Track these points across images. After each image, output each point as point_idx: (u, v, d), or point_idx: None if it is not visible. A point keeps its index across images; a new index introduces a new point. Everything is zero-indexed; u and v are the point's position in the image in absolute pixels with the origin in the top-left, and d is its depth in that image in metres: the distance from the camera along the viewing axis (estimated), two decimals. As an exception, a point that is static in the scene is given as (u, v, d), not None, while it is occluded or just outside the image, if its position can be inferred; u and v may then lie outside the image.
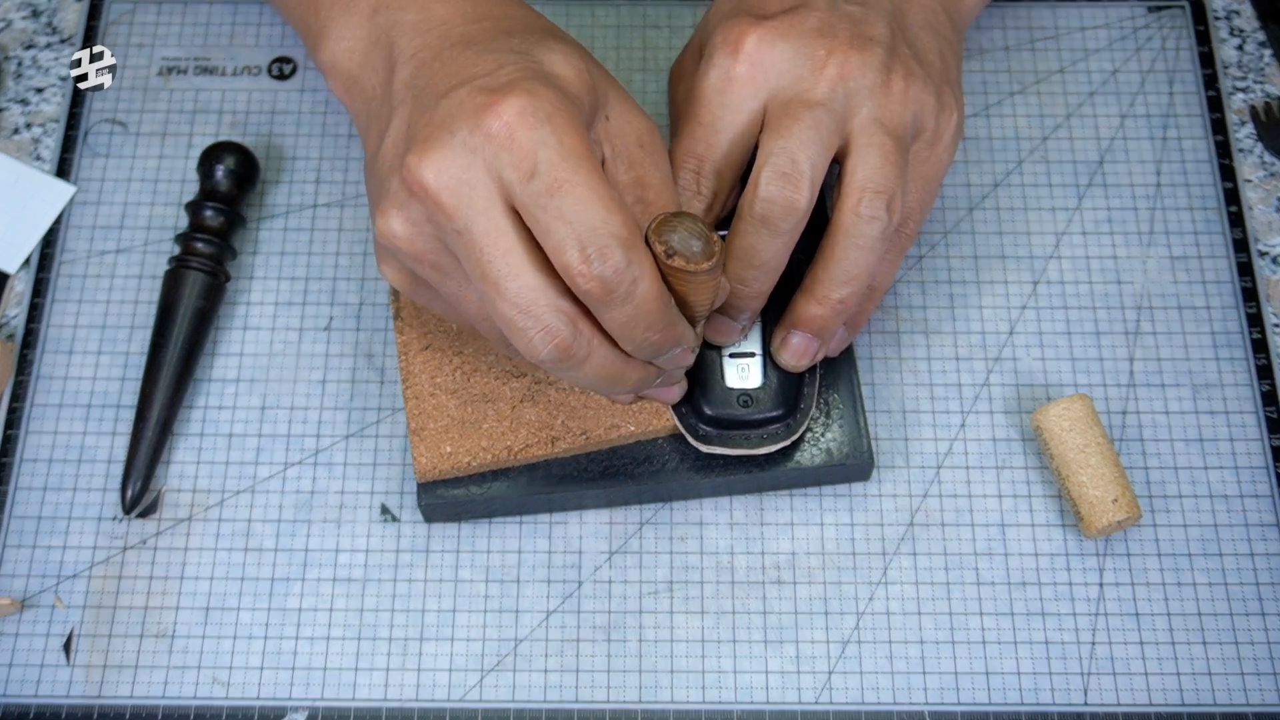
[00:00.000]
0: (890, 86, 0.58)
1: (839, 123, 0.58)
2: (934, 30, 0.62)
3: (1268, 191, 0.72)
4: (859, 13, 0.60)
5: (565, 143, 0.50)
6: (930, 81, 0.60)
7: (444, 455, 0.61)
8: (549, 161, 0.50)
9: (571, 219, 0.49)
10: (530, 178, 0.50)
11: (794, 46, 0.58)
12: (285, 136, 0.73)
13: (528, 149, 0.50)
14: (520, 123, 0.50)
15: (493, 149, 0.50)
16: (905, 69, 0.59)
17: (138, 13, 0.77)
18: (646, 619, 0.63)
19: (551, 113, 0.51)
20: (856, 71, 0.58)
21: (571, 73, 0.54)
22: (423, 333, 0.64)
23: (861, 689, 0.61)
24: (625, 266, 0.50)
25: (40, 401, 0.67)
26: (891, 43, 0.59)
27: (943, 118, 0.60)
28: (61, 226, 0.71)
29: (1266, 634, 0.62)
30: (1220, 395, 0.67)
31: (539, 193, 0.50)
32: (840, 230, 0.58)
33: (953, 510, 0.65)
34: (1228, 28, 0.77)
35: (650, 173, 0.57)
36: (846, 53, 0.58)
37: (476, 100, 0.51)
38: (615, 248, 0.49)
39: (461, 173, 0.51)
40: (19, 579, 0.64)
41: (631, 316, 0.51)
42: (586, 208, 0.49)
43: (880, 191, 0.57)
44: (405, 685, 0.62)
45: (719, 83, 0.59)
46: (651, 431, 0.62)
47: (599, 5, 0.77)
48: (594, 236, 0.49)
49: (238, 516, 0.65)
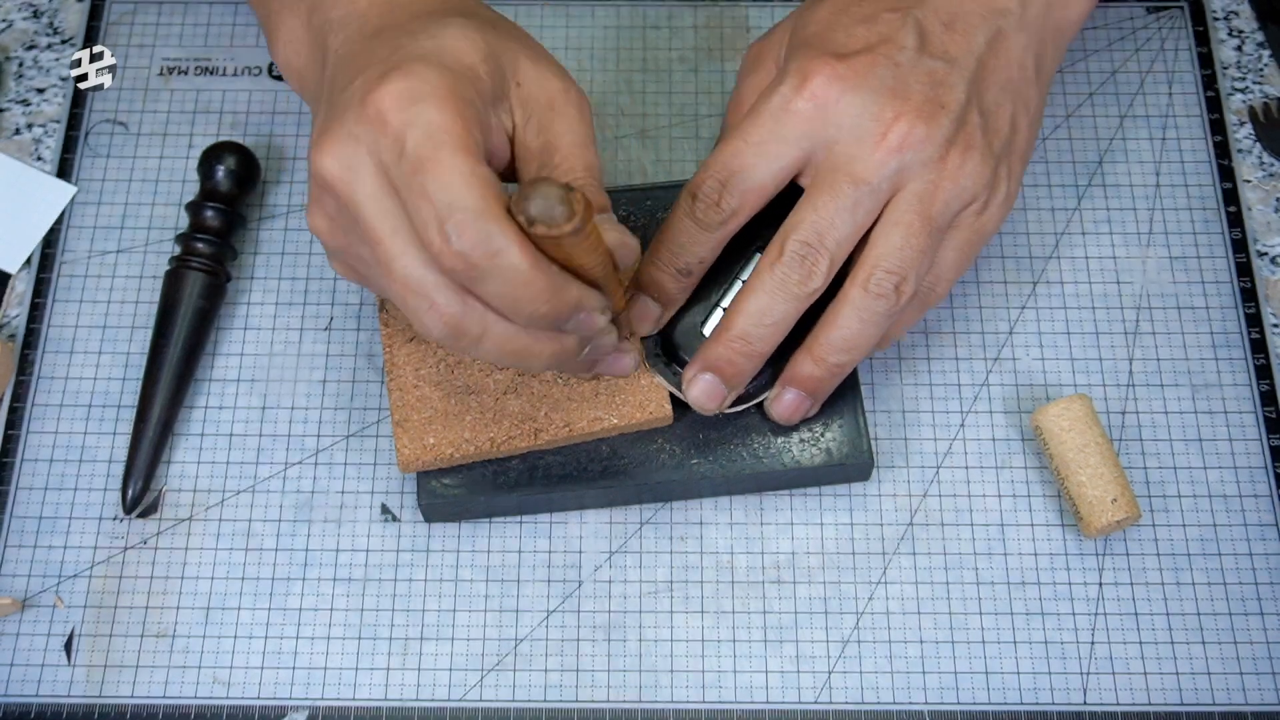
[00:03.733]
0: (946, 162, 0.58)
1: (880, 200, 0.58)
2: (1014, 92, 0.61)
3: (1266, 192, 0.72)
4: (940, 71, 0.59)
5: (433, 121, 0.50)
6: (990, 155, 0.59)
7: (427, 447, 0.61)
8: (415, 141, 0.50)
9: (432, 196, 0.49)
10: (399, 158, 0.50)
11: (862, 101, 0.58)
12: (285, 137, 0.73)
13: (397, 130, 0.50)
14: (392, 105, 0.51)
15: (372, 134, 0.51)
16: (967, 143, 0.59)
17: (138, 13, 0.77)
18: (646, 619, 0.63)
19: (427, 93, 0.51)
20: (917, 144, 0.57)
21: (465, 46, 0.54)
22: (407, 325, 0.64)
23: (861, 689, 0.62)
24: (483, 240, 0.49)
25: (41, 401, 0.67)
26: (963, 111, 0.59)
27: (994, 191, 0.60)
28: (62, 227, 0.71)
29: (1265, 634, 0.62)
30: (1219, 395, 0.67)
31: (405, 172, 0.50)
32: (846, 300, 0.58)
33: (952, 510, 0.65)
34: (1227, 28, 0.77)
35: (560, 135, 0.56)
36: (913, 122, 0.58)
37: (362, 89, 0.52)
38: (470, 221, 0.49)
39: (349, 159, 0.51)
40: (20, 579, 0.64)
41: (506, 289, 0.50)
42: (444, 184, 0.49)
43: (892, 272, 0.58)
44: (405, 685, 0.62)
45: (777, 110, 0.59)
46: (635, 424, 0.62)
47: (599, 5, 0.77)
48: (450, 212, 0.49)
49: (238, 516, 0.65)
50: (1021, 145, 0.62)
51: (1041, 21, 0.62)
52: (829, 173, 0.58)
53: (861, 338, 0.59)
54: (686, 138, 0.73)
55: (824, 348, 0.59)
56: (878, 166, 0.58)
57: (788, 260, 0.58)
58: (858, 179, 0.58)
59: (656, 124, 0.74)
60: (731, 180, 0.59)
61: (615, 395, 0.62)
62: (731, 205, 0.59)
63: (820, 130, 0.58)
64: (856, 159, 0.58)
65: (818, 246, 0.58)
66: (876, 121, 0.58)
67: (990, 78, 0.60)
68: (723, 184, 0.59)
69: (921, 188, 0.58)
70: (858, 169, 0.58)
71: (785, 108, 0.58)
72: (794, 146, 0.58)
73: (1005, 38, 0.61)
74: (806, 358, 0.60)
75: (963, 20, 0.60)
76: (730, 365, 0.59)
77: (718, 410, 0.61)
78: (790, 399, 0.61)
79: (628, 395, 0.62)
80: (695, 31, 0.76)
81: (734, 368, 0.59)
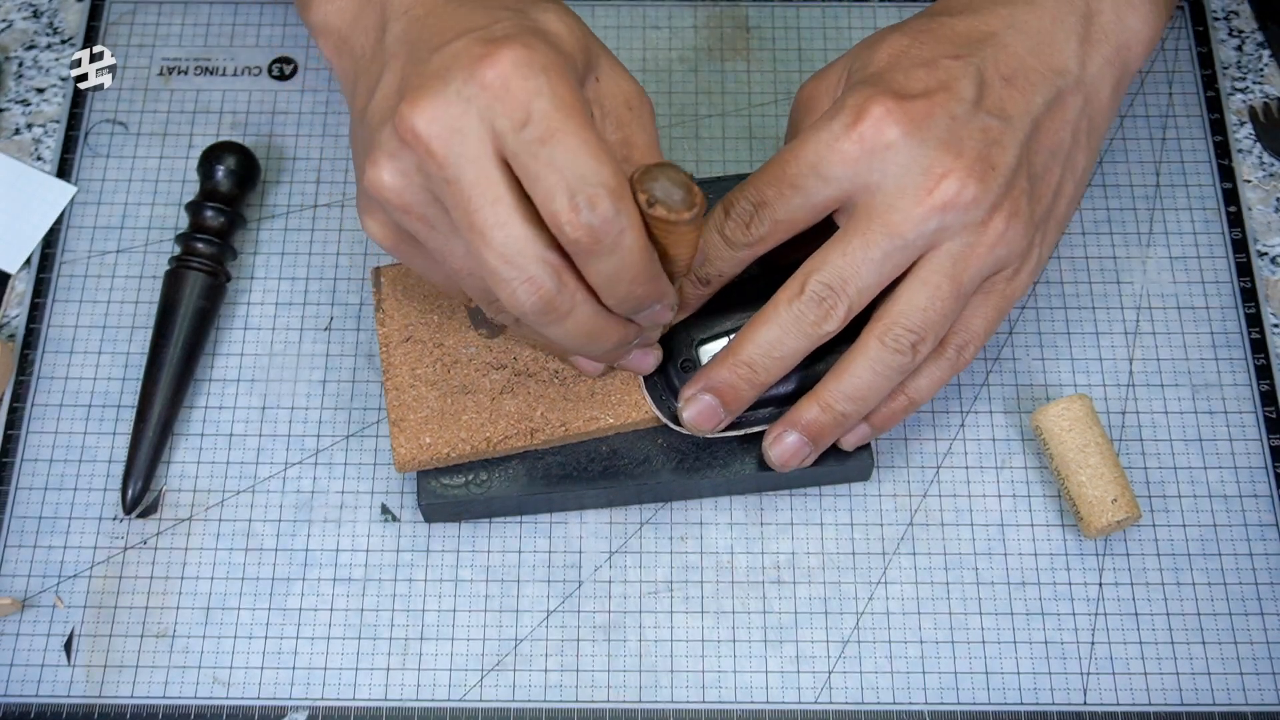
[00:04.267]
0: (988, 227, 0.57)
1: (912, 256, 0.57)
2: (1065, 157, 0.60)
3: (1267, 192, 0.72)
4: (996, 128, 0.57)
5: (559, 94, 0.50)
6: (1031, 223, 0.58)
7: (423, 446, 0.61)
8: (542, 111, 0.50)
9: (562, 167, 0.49)
10: (523, 126, 0.50)
11: (913, 151, 0.56)
12: (285, 136, 0.73)
13: (522, 99, 0.50)
14: (516, 73, 0.50)
15: (487, 98, 0.50)
16: (1012, 209, 0.57)
17: (138, 13, 0.77)
18: (646, 619, 0.63)
19: (547, 65, 0.50)
20: (964, 206, 0.56)
21: (565, 31, 0.54)
22: (404, 324, 0.64)
23: (861, 689, 0.62)
24: (613, 216, 0.49)
25: (41, 401, 0.67)
26: (1013, 175, 0.57)
27: (1028, 258, 0.59)
28: (62, 227, 0.71)
29: (1265, 634, 0.62)
30: (1219, 395, 0.67)
31: (531, 141, 0.49)
32: (862, 350, 0.58)
33: (952, 510, 0.65)
34: (1227, 28, 0.77)
35: (636, 134, 0.56)
36: (964, 180, 0.56)
37: (473, 51, 0.51)
38: (604, 196, 0.49)
39: (454, 121, 0.50)
40: (19, 579, 0.64)
41: (617, 268, 0.51)
42: (577, 157, 0.49)
43: (911, 330, 0.57)
44: (405, 685, 0.62)
45: (823, 147, 0.57)
46: (630, 424, 0.62)
47: (599, 5, 0.77)
48: (583, 185, 0.49)
49: (238, 516, 0.65)
50: (1061, 213, 0.61)
51: (1098, 80, 0.61)
52: (865, 218, 0.57)
53: (871, 390, 0.58)
54: (686, 138, 0.73)
55: (832, 395, 0.59)
56: (918, 223, 0.56)
57: (807, 299, 0.57)
58: (894, 232, 0.56)
59: (657, 124, 0.74)
60: (765, 207, 0.58)
61: (611, 395, 0.62)
62: (760, 232, 0.58)
63: (865, 174, 0.57)
64: (897, 210, 0.56)
65: (839, 291, 0.57)
66: (925, 175, 0.56)
67: (1043, 141, 0.59)
68: (756, 208, 0.58)
69: (958, 250, 0.57)
70: (896, 221, 0.56)
71: (833, 145, 0.57)
72: (834, 186, 0.57)
73: (1064, 100, 0.59)
74: (813, 403, 0.59)
75: (1023, 77, 0.59)
76: (731, 390, 0.59)
77: (709, 434, 0.61)
78: (790, 443, 0.60)
79: (623, 396, 0.62)
80: (695, 31, 0.76)
81: (735, 393, 0.59)
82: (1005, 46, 0.59)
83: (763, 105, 0.74)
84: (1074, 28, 0.60)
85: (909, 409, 0.61)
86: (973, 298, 0.60)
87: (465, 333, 0.63)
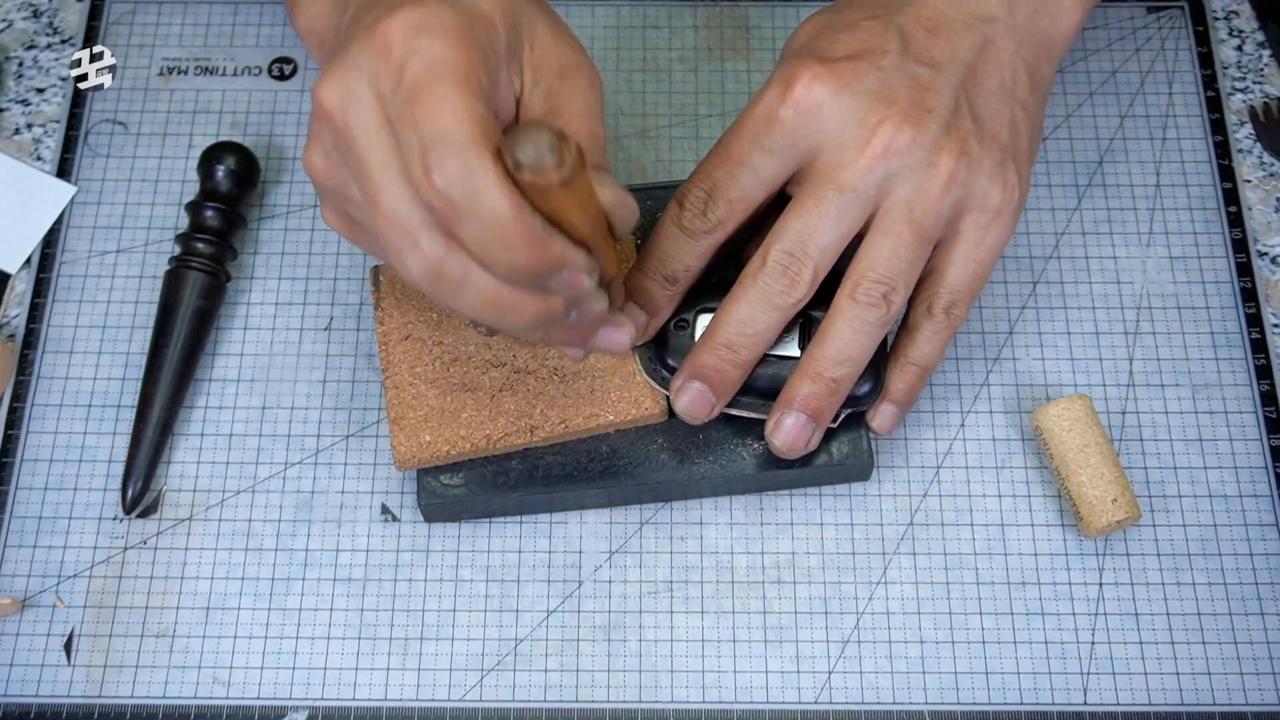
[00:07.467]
0: (936, 167, 0.57)
1: (866, 208, 0.57)
2: (1008, 95, 0.60)
3: (1267, 192, 0.72)
4: (925, 76, 0.58)
5: (436, 52, 0.49)
6: (986, 160, 0.58)
7: (423, 444, 0.61)
8: (412, 69, 0.49)
9: (421, 126, 0.48)
10: (397, 87, 0.49)
11: (846, 106, 0.57)
12: (285, 136, 0.73)
13: (400, 58, 0.49)
14: (398, 34, 0.49)
15: (374, 63, 0.49)
16: (959, 147, 0.58)
17: (138, 13, 0.77)
18: (646, 619, 0.63)
19: (435, 26, 0.49)
20: (903, 149, 0.57)
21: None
22: (403, 323, 0.64)
23: (861, 689, 0.62)
24: (464, 177, 0.47)
25: (41, 401, 0.67)
26: (951, 116, 0.58)
27: (1000, 198, 0.59)
28: (62, 226, 0.71)
29: (1265, 634, 0.62)
30: (1219, 395, 0.67)
31: (400, 102, 0.49)
32: (837, 312, 0.58)
33: (952, 510, 0.65)
34: (1227, 28, 0.77)
35: (567, 103, 0.55)
36: (899, 125, 0.57)
37: (371, 20, 0.50)
38: (451, 155, 0.47)
39: (349, 87, 0.50)
40: (19, 579, 0.64)
41: (483, 233, 0.48)
42: (434, 115, 0.48)
43: (880, 281, 0.57)
44: (405, 685, 0.62)
45: (761, 120, 0.58)
46: (630, 420, 0.62)
47: (599, 5, 0.77)
48: (434, 144, 0.48)
49: (238, 516, 0.65)
50: (1025, 150, 0.61)
51: (1029, 30, 0.61)
52: (813, 180, 0.58)
53: (855, 348, 0.58)
54: (686, 138, 0.73)
55: (819, 363, 0.59)
56: (863, 172, 0.57)
57: (770, 270, 0.57)
58: (842, 186, 0.57)
59: (656, 124, 0.74)
60: (717, 190, 0.59)
61: (611, 392, 0.62)
62: (717, 215, 0.59)
63: (804, 138, 0.58)
64: (841, 166, 0.57)
65: (800, 256, 0.57)
66: (860, 127, 0.57)
67: (981, 83, 0.60)
68: (708, 193, 0.59)
69: (910, 194, 0.57)
70: (842, 176, 0.57)
71: (769, 116, 0.58)
72: (779, 156, 0.58)
73: (993, 44, 0.60)
74: (803, 377, 0.59)
75: (946, 27, 0.60)
76: (716, 374, 0.59)
77: (706, 419, 0.61)
78: (791, 424, 0.59)
79: (624, 392, 0.62)
80: (695, 31, 0.76)
81: (720, 375, 0.59)
82: (924, 3, 0.60)
83: (763, 105, 0.74)
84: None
85: (922, 376, 0.61)
86: (950, 253, 0.60)
87: (464, 330, 0.64)
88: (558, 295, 0.52)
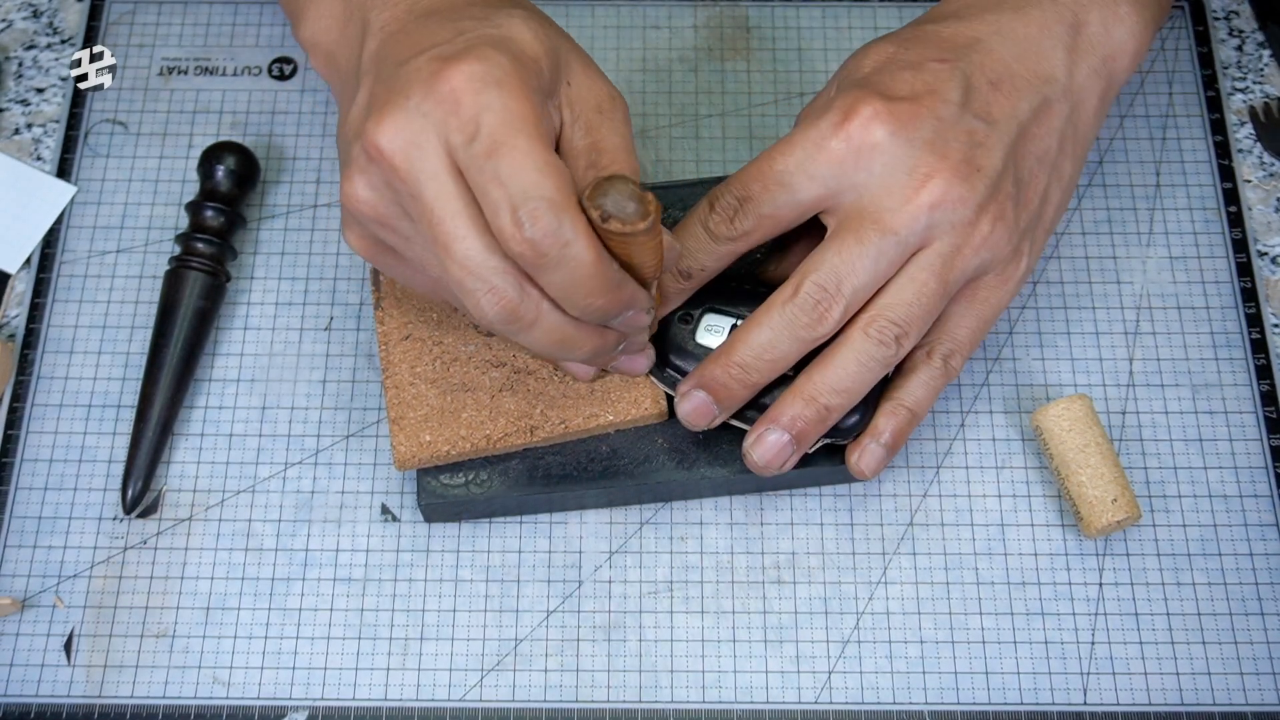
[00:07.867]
0: (976, 227, 0.58)
1: (905, 254, 0.57)
2: (1050, 164, 0.60)
3: (1267, 192, 0.72)
4: (981, 132, 0.58)
5: (509, 107, 0.51)
6: (1016, 228, 0.59)
7: (423, 444, 0.61)
8: (489, 125, 0.50)
9: (505, 181, 0.50)
10: (472, 140, 0.50)
11: (900, 153, 0.57)
12: (285, 136, 0.73)
13: (471, 113, 0.50)
14: (467, 87, 0.51)
15: (441, 113, 0.51)
16: (998, 212, 0.58)
17: (138, 13, 0.77)
18: (646, 619, 0.63)
19: (500, 78, 0.51)
20: (950, 205, 0.57)
21: (530, 38, 0.54)
22: (403, 322, 0.64)
23: (861, 689, 0.62)
24: (555, 230, 0.50)
25: (41, 401, 0.67)
26: (998, 178, 0.58)
27: (1013, 265, 0.60)
28: (62, 226, 0.71)
29: (1265, 634, 0.62)
30: (1219, 395, 0.67)
31: (478, 155, 0.50)
32: (846, 342, 0.58)
33: (952, 510, 0.65)
34: (1227, 28, 0.77)
35: (606, 138, 0.56)
36: (950, 181, 0.57)
37: (430, 67, 0.52)
38: (545, 211, 0.49)
39: (413, 136, 0.51)
40: (19, 579, 0.64)
41: (568, 281, 0.51)
42: (520, 171, 0.50)
43: (896, 323, 0.57)
44: (405, 685, 0.62)
45: (813, 143, 0.58)
46: (630, 420, 0.62)
47: (599, 5, 0.77)
48: (525, 199, 0.50)
49: (238, 516, 0.65)
50: (1049, 220, 0.61)
51: (1086, 90, 0.61)
52: (856, 218, 0.57)
53: (854, 380, 0.58)
54: (686, 138, 0.73)
55: (816, 387, 0.58)
56: (909, 220, 0.57)
57: (801, 301, 0.57)
58: (886, 230, 0.57)
59: (656, 124, 0.74)
60: (750, 201, 0.58)
61: (611, 393, 0.62)
62: (744, 226, 0.59)
63: (852, 174, 0.57)
64: (888, 210, 0.57)
65: (834, 292, 0.57)
66: (911, 175, 0.57)
67: (1030, 147, 0.60)
68: (741, 202, 0.59)
69: (946, 249, 0.57)
70: (888, 220, 0.57)
71: (821, 143, 0.57)
72: (820, 184, 0.58)
73: (1050, 107, 0.60)
74: (796, 398, 0.59)
75: (1009, 83, 0.59)
76: (724, 389, 0.59)
77: (705, 429, 0.61)
78: (772, 441, 0.59)
79: (623, 393, 0.62)
80: (695, 31, 0.76)
81: (728, 392, 0.59)
82: (991, 52, 0.60)
83: (763, 105, 0.74)
84: (1061, 37, 0.61)
85: (912, 421, 0.61)
86: (957, 305, 0.60)
87: (464, 330, 0.64)
88: (614, 331, 0.56)
